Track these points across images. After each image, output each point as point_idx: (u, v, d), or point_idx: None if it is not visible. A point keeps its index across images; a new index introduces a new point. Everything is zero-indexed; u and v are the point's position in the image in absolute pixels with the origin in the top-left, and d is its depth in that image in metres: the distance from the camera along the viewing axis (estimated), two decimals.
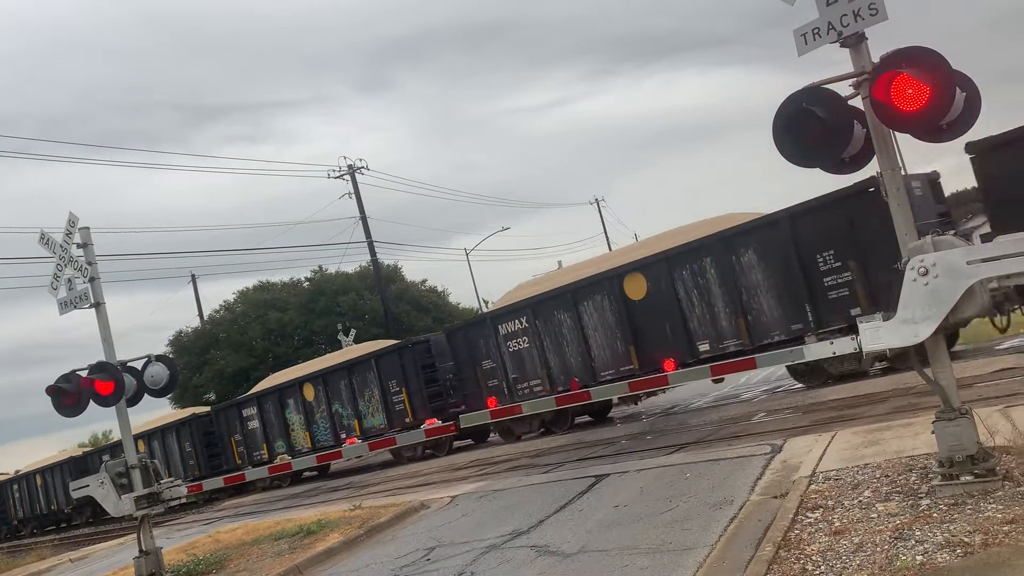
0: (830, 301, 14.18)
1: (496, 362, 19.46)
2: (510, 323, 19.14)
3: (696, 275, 15.92)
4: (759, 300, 15.16)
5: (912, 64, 6.19)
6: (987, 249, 6.08)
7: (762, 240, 15.03)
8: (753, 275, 15.17)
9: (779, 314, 14.87)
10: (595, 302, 17.56)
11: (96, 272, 11.99)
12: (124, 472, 11.93)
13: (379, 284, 42.44)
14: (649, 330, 16.70)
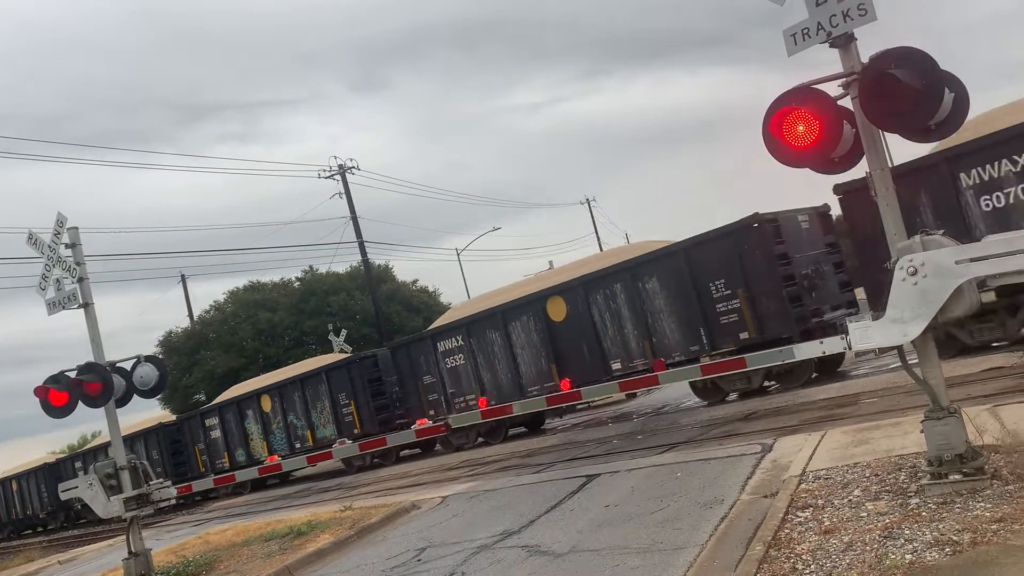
0: (722, 325, 15.66)
1: (435, 377, 20.84)
2: (448, 341, 20.55)
3: (609, 299, 17.36)
4: (662, 323, 16.65)
5: (901, 64, 6.21)
6: (975, 249, 6.10)
7: (663, 269, 16.48)
8: (657, 301, 16.65)
9: (679, 336, 16.37)
10: (522, 322, 18.99)
11: (85, 272, 11.94)
12: (113, 473, 11.88)
13: (370, 284, 42.36)
14: (569, 350, 18.13)
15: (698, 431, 14.11)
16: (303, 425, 24.57)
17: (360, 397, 22.77)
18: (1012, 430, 7.74)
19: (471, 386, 20.11)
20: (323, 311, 45.34)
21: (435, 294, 52.83)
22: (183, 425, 29.02)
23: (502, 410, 19.16)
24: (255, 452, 26.29)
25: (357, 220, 40.51)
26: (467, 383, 20.21)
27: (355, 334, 41.68)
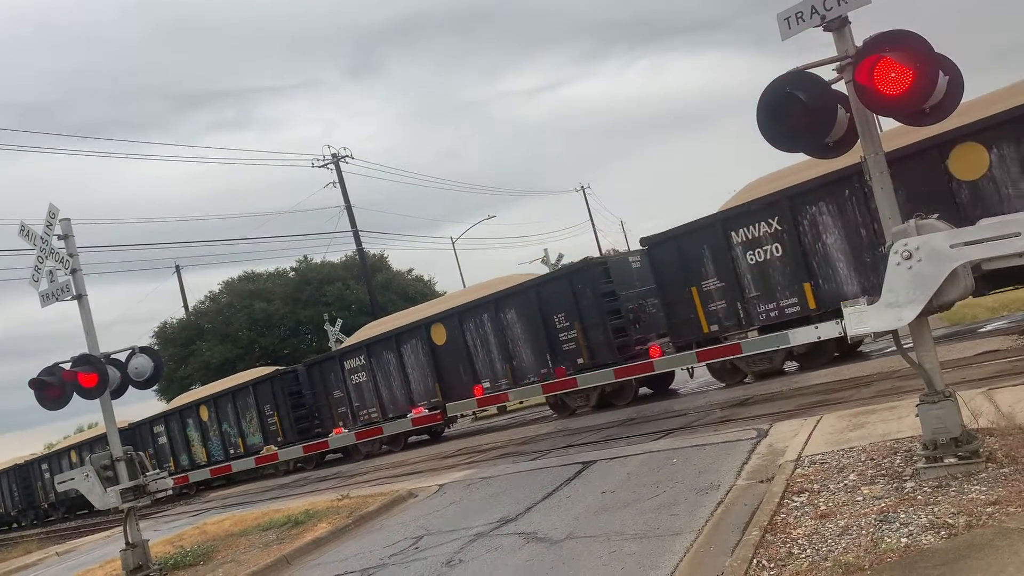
0: (564, 352, 18.47)
1: (343, 392, 23.57)
2: (353, 359, 23.28)
3: (479, 327, 20.19)
4: (520, 349, 19.45)
5: (895, 48, 6.19)
6: (970, 232, 6.09)
7: (520, 302, 19.33)
8: (515, 329, 19.48)
9: (532, 360, 19.22)
10: (412, 345, 21.79)
11: (78, 264, 11.88)
12: (109, 465, 11.86)
13: (365, 273, 42.30)
14: (449, 371, 20.93)
15: (694, 417, 14.14)
16: (235, 433, 27.03)
17: (282, 409, 25.33)
18: (1007, 413, 7.76)
19: (372, 400, 22.79)
20: (318, 301, 45.29)
21: (430, 283, 52.82)
22: (135, 431, 30.88)
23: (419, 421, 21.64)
24: (196, 457, 29.00)
25: (351, 209, 40.42)
26: (369, 397, 22.92)
27: (351, 324, 41.64)
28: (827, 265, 14.58)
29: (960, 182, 12.94)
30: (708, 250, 15.93)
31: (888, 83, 6.21)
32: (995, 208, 12.38)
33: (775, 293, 15.23)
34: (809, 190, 14.60)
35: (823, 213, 14.50)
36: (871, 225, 13.58)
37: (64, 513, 37.20)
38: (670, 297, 16.66)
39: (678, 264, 16.36)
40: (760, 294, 15.41)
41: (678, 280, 16.38)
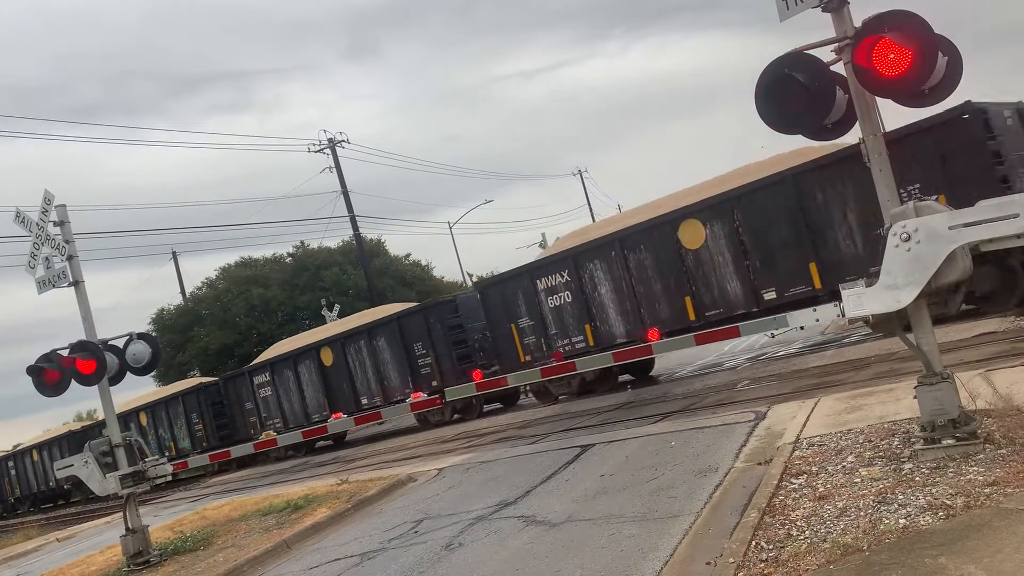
0: (422, 375, 21.47)
1: (253, 405, 26.59)
2: (260, 376, 26.42)
3: (358, 351, 23.06)
4: (389, 372, 22.35)
5: (894, 28, 6.15)
6: (969, 214, 6.08)
7: (387, 332, 22.24)
8: (385, 355, 22.36)
9: (398, 382, 22.07)
10: (305, 365, 24.77)
11: (74, 250, 11.86)
12: (108, 451, 11.88)
13: (362, 259, 42.26)
14: (336, 388, 23.85)
15: (692, 400, 14.17)
16: (168, 438, 29.69)
17: (206, 416, 28.07)
18: (1005, 394, 7.78)
19: (279, 412, 25.71)
20: (316, 286, 45.26)
21: (428, 268, 52.79)
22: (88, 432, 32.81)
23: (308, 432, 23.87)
24: None
25: (348, 194, 40.34)
26: (275, 410, 25.82)
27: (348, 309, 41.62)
28: (602, 310, 17.68)
29: (687, 249, 16.17)
30: (522, 294, 19.04)
31: (887, 64, 6.18)
32: (710, 272, 15.88)
33: (568, 331, 18.34)
34: (587, 250, 17.94)
35: (597, 269, 17.67)
36: (630, 280, 17.02)
37: (29, 507, 39.06)
38: (496, 331, 19.79)
39: (501, 305, 19.46)
40: (558, 331, 18.52)
41: (502, 318, 19.48)
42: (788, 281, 14.90)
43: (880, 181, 6.83)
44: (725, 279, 15.76)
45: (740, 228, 15.44)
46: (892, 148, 13.69)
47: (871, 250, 13.18)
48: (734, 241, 15.51)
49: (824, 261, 14.36)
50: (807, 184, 14.53)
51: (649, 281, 16.78)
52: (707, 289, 15.98)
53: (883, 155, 6.81)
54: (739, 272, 15.51)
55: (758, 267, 15.28)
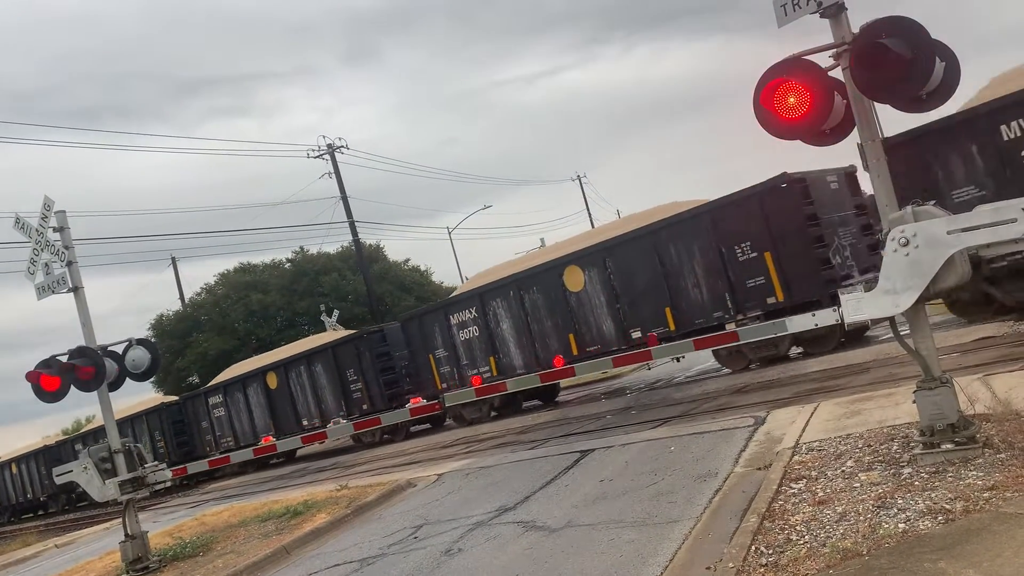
0: (354, 400, 23.49)
1: (208, 424, 28.58)
2: (214, 397, 28.42)
3: (300, 376, 25.14)
4: (326, 396, 24.36)
5: (892, 34, 6.17)
6: (967, 219, 6.09)
7: (324, 359, 24.34)
8: (322, 380, 24.48)
9: (334, 405, 24.17)
10: (253, 387, 26.72)
11: (73, 256, 11.86)
12: (108, 457, 11.86)
13: (361, 264, 42.25)
14: (280, 410, 25.86)
15: (691, 405, 14.17)
16: None
17: (168, 434, 29.81)
18: (1004, 399, 7.78)
19: (231, 432, 27.79)
20: (315, 292, 45.23)
21: (427, 273, 52.76)
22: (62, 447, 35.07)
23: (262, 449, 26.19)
24: None
25: (347, 200, 40.34)
26: (227, 429, 27.89)
27: (347, 314, 41.65)
28: (504, 344, 19.68)
29: (571, 292, 18.18)
30: (438, 328, 20.96)
31: None
32: (589, 313, 17.97)
33: (477, 361, 20.21)
34: (490, 289, 19.88)
35: (499, 307, 19.63)
36: (526, 317, 19.08)
37: (10, 518, 40.18)
38: (417, 361, 21.86)
39: (420, 337, 21.44)
40: (468, 362, 20.43)
41: (421, 349, 21.50)
42: (650, 322, 16.95)
43: (879, 186, 6.85)
44: (601, 319, 17.89)
45: (612, 275, 17.54)
46: (729, 210, 15.95)
47: (713, 297, 16.01)
48: (608, 286, 17.65)
49: (676, 306, 16.56)
50: (663, 239, 16.69)
51: (542, 319, 18.95)
52: (587, 327, 18.13)
53: (881, 160, 6.83)
54: (612, 313, 17.67)
55: (627, 309, 17.39)
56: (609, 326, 17.69)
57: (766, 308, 15.32)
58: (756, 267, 15.37)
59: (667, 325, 16.65)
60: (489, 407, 20.48)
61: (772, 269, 15.16)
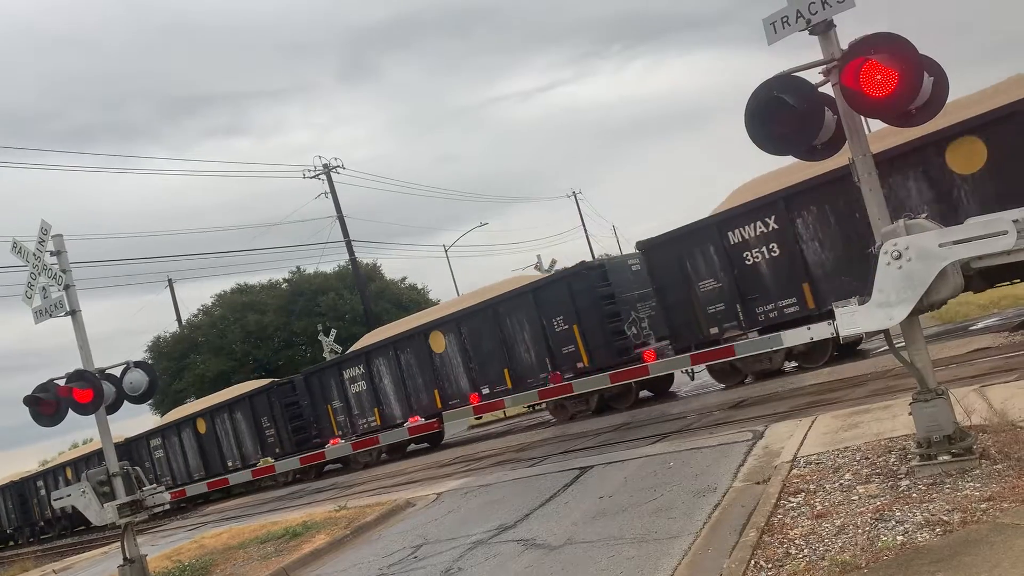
0: (269, 443, 26.01)
1: (150, 464, 30.53)
2: (155, 439, 30.75)
3: (224, 423, 27.54)
4: (245, 440, 26.90)
5: (880, 50, 6.25)
6: (958, 231, 6.15)
7: (243, 407, 26.84)
8: (242, 426, 26.98)
9: (251, 450, 26.61)
10: (186, 432, 29.16)
11: (71, 279, 11.86)
12: (106, 480, 11.82)
13: (358, 283, 42.27)
14: (208, 453, 28.31)
15: (689, 420, 14.18)
16: None
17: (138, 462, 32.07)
18: (999, 410, 7.81)
19: (167, 471, 29.88)
20: (312, 311, 45.23)
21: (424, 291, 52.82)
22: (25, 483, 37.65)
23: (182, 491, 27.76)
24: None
25: (344, 219, 40.43)
26: (166, 469, 30.01)
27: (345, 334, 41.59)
28: (386, 397, 22.75)
29: (435, 353, 21.26)
30: (334, 381, 24.09)
31: (874, 85, 6.28)
32: (450, 372, 20.94)
33: (365, 412, 23.30)
34: (374, 349, 22.91)
35: (381, 365, 22.65)
36: (401, 375, 22.07)
37: None
38: (317, 410, 24.87)
39: (320, 389, 24.50)
40: (359, 412, 23.48)
41: (320, 400, 24.54)
42: (494, 380, 20.03)
43: (870, 200, 6.91)
44: (458, 377, 20.81)
45: (466, 340, 20.54)
46: (547, 289, 18.93)
47: (542, 359, 19.08)
48: (463, 349, 20.63)
49: (512, 367, 19.63)
50: (501, 311, 19.78)
51: (415, 376, 21.78)
52: (448, 383, 21.01)
53: (873, 174, 6.89)
54: (467, 372, 20.60)
55: (478, 369, 20.36)
56: (465, 383, 20.64)
57: (576, 371, 18.45)
58: (568, 337, 18.71)
59: (505, 383, 19.79)
60: (379, 452, 23.12)
61: (579, 339, 18.43)
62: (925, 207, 12.93)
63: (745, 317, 15.86)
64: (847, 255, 14.39)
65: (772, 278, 15.53)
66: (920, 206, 13.07)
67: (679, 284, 16.64)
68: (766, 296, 15.62)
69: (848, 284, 13.79)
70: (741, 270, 15.75)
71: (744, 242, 15.72)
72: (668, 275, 16.85)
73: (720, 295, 16.11)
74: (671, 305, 16.94)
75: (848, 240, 14.40)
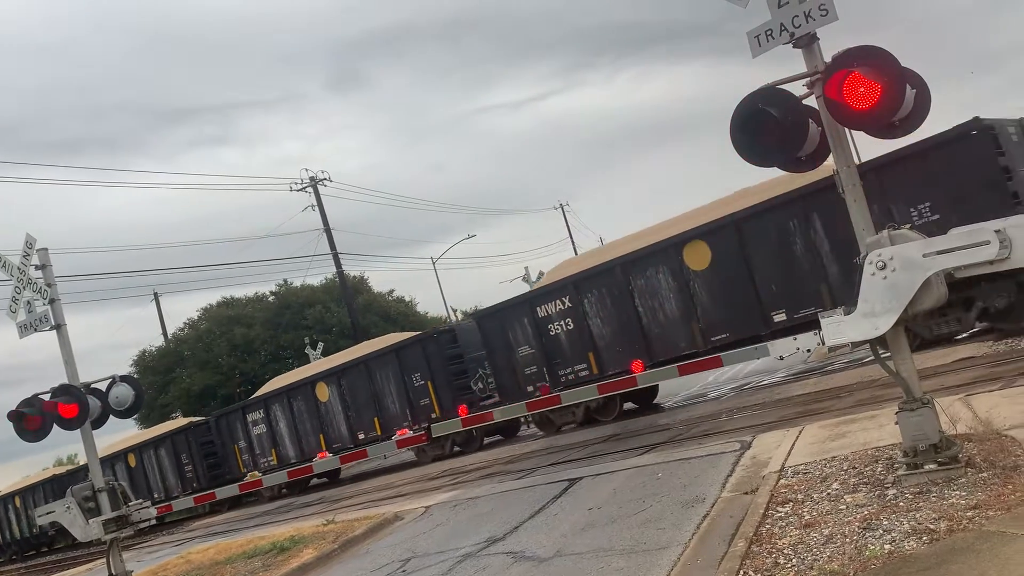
0: (187, 479, 28.11)
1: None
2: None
3: (151, 458, 29.57)
4: (168, 475, 28.84)
5: (863, 63, 6.32)
6: (942, 241, 6.21)
7: (166, 445, 28.87)
8: (165, 462, 28.82)
9: (174, 483, 28.70)
10: (119, 465, 29.92)
11: (56, 293, 11.80)
12: (91, 496, 11.72)
13: (346, 296, 42.19)
14: (139, 486, 29.03)
15: (677, 431, 14.20)
16: None
17: None
18: (984, 418, 7.87)
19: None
20: (299, 324, 45.08)
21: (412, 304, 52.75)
22: None
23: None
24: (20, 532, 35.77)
25: (331, 232, 40.39)
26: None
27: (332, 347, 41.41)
28: (282, 439, 25.76)
29: (321, 401, 24.26)
30: (239, 423, 26.87)
31: (857, 98, 6.34)
32: (334, 418, 23.96)
33: (265, 452, 26.17)
34: (271, 396, 26.05)
35: (277, 411, 25.67)
36: (295, 419, 25.13)
37: None
38: (224, 450, 27.60)
39: (228, 430, 27.35)
40: (260, 451, 26.29)
41: (228, 440, 27.30)
42: (366, 427, 23.02)
43: (855, 211, 6.96)
44: (339, 424, 23.79)
45: (345, 391, 23.47)
46: (407, 349, 21.79)
47: (401, 411, 21.94)
48: (343, 399, 23.54)
49: (381, 416, 22.52)
50: (372, 366, 22.71)
51: (304, 421, 24.74)
52: (332, 429, 23.98)
53: (857, 186, 6.95)
54: (345, 419, 23.58)
55: (355, 416, 23.31)
56: (344, 429, 23.58)
57: (431, 421, 21.03)
58: (424, 391, 21.45)
59: (376, 430, 22.63)
60: (279, 487, 25.62)
61: (432, 393, 21.22)
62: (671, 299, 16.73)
63: (551, 378, 18.73)
64: (621, 329, 17.48)
65: (568, 346, 18.48)
66: (668, 295, 16.72)
67: (503, 349, 19.60)
68: (565, 361, 18.51)
69: (621, 355, 17.45)
70: (547, 339, 18.79)
71: (547, 316, 18.85)
72: (496, 341, 19.79)
73: (533, 359, 19.05)
74: (497, 367, 19.98)
75: (620, 318, 17.47)
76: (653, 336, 16.99)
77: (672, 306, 16.67)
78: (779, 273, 15.16)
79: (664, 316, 16.83)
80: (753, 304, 15.41)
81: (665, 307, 16.82)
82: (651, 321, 16.98)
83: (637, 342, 17.14)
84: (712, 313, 16.10)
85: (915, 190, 13.46)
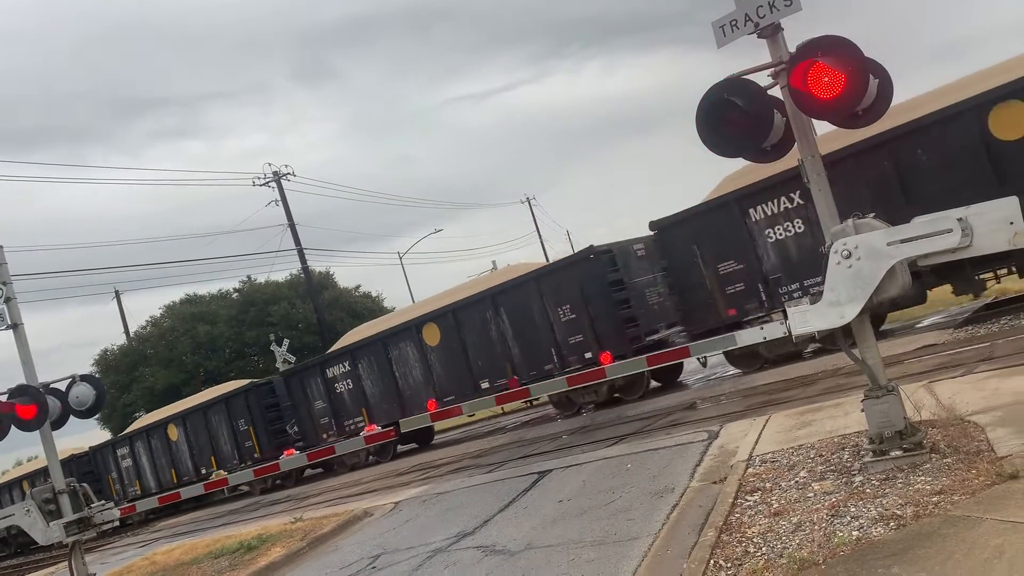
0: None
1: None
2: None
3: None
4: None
5: (827, 53, 6.35)
6: (905, 230, 6.26)
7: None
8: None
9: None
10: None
11: (12, 292, 11.51)
12: (51, 498, 11.48)
13: (311, 292, 41.82)
14: None
15: (646, 422, 14.26)
16: None
17: None
18: (947, 404, 7.98)
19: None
20: (264, 321, 44.59)
21: (378, 299, 52.40)
22: None
23: None
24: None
25: (295, 227, 39.98)
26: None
27: (297, 343, 41.10)
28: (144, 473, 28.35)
29: (172, 441, 27.28)
30: (111, 457, 29.22)
31: (822, 87, 6.37)
32: (182, 456, 26.71)
33: (132, 483, 28.73)
34: (136, 434, 28.58)
35: (140, 447, 28.22)
36: (152, 458, 27.78)
37: None
38: (101, 481, 29.26)
39: (102, 462, 29.63)
40: (128, 482, 28.72)
41: (103, 471, 29.62)
42: (204, 465, 25.72)
43: (820, 200, 7.01)
44: (185, 462, 26.48)
45: (188, 432, 26.23)
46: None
47: (242, 452, 24.86)
48: (188, 440, 26.32)
49: (217, 457, 25.36)
50: (210, 412, 25.60)
51: (161, 459, 27.26)
52: (181, 465, 26.59)
53: (822, 175, 6.99)
54: (190, 458, 26.27)
55: (195, 454, 26.11)
56: (190, 465, 26.30)
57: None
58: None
59: (212, 467, 25.46)
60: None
61: None
62: None
63: (337, 427, 22.91)
64: (386, 390, 21.59)
65: (350, 401, 22.54)
66: (414, 364, 21.17)
67: (302, 403, 23.77)
68: (348, 414, 22.71)
69: (386, 410, 21.66)
70: (334, 396, 22.95)
71: (334, 376, 22.93)
72: (298, 395, 23.91)
73: (324, 411, 23.38)
74: (299, 416, 24.25)
75: (384, 380, 21.56)
76: (406, 397, 21.33)
77: (417, 373, 21.06)
78: (481, 351, 19.63)
79: (413, 380, 21.20)
80: (466, 373, 19.86)
81: (413, 373, 21.21)
82: (404, 384, 21.36)
83: (396, 401, 21.51)
84: (443, 379, 20.51)
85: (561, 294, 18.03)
